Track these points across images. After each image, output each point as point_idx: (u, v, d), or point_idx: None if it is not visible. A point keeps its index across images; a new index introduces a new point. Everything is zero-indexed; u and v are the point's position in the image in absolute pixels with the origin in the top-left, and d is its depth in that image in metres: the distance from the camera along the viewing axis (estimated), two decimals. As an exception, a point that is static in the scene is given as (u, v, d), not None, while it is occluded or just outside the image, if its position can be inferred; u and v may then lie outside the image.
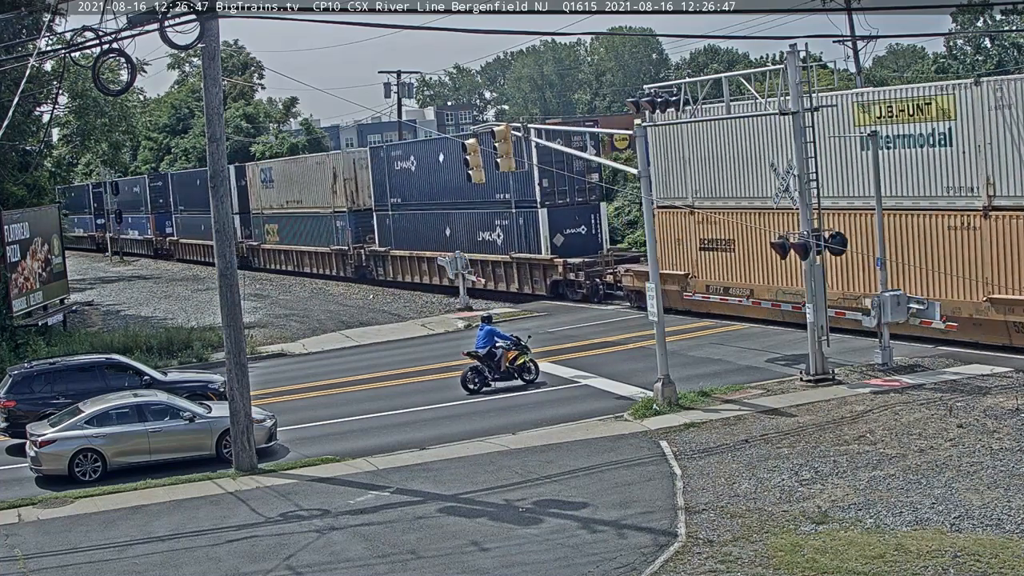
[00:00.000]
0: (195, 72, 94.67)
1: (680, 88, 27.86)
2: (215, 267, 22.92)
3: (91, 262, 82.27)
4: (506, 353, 28.02)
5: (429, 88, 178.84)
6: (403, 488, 20.43)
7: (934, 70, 73.73)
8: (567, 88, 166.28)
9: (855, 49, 55.09)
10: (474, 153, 30.56)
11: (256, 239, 67.30)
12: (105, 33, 21.18)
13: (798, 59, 25.15)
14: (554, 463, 21.15)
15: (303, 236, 60.92)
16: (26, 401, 25.87)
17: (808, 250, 25.32)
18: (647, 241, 25.83)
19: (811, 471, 19.21)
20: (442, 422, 25.50)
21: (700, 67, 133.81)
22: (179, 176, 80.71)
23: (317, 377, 32.43)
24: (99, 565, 17.64)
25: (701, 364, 28.92)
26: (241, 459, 22.29)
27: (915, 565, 14.77)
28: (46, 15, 33.84)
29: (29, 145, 45.03)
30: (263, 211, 65.67)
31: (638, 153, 25.77)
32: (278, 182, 63.45)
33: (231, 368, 22.31)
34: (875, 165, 26.85)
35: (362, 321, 42.97)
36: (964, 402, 22.56)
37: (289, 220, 62.47)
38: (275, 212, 64.27)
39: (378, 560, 16.88)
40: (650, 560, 15.88)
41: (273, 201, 64.38)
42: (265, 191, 65.17)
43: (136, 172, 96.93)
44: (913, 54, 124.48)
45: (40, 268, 40.18)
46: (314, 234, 59.64)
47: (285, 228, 63.17)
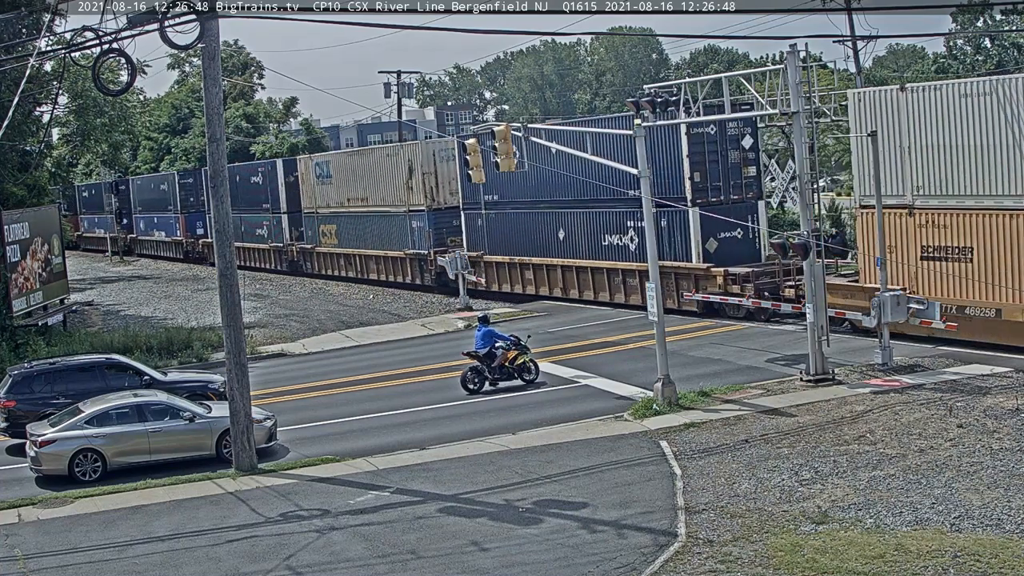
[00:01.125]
0: (195, 72, 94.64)
1: (680, 88, 27.91)
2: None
3: (91, 262, 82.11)
4: (506, 353, 28.03)
5: (429, 88, 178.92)
6: (403, 488, 20.42)
7: (934, 70, 73.73)
8: (567, 88, 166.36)
9: (855, 49, 55.02)
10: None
11: (309, 241, 60.41)
12: (105, 33, 21.18)
13: (798, 59, 25.16)
14: (554, 463, 21.15)
15: (368, 238, 54.26)
16: (26, 401, 25.85)
17: (808, 250, 25.33)
18: (647, 241, 25.81)
19: (811, 471, 19.21)
20: (442, 422, 25.50)
21: (700, 67, 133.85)
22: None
23: (317, 377, 32.42)
24: (99, 565, 17.64)
25: (701, 364, 28.92)
26: (241, 459, 22.29)
27: (915, 565, 14.77)
28: (46, 15, 33.83)
29: (29, 145, 45.00)
30: (317, 210, 58.85)
31: (638, 153, 25.74)
32: (337, 177, 56.42)
33: (231, 368, 22.31)
34: (875, 164, 26.83)
35: (362, 321, 42.97)
36: (964, 402, 22.56)
37: (351, 220, 55.75)
38: (333, 211, 57.39)
39: (378, 560, 16.88)
40: (650, 560, 15.88)
41: (331, 199, 57.51)
42: (321, 188, 58.33)
43: (136, 172, 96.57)
44: (913, 54, 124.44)
45: (40, 268, 40.17)
46: (383, 236, 52.86)
47: (346, 229, 56.24)
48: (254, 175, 66.19)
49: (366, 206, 54.26)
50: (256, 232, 65.86)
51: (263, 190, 64.37)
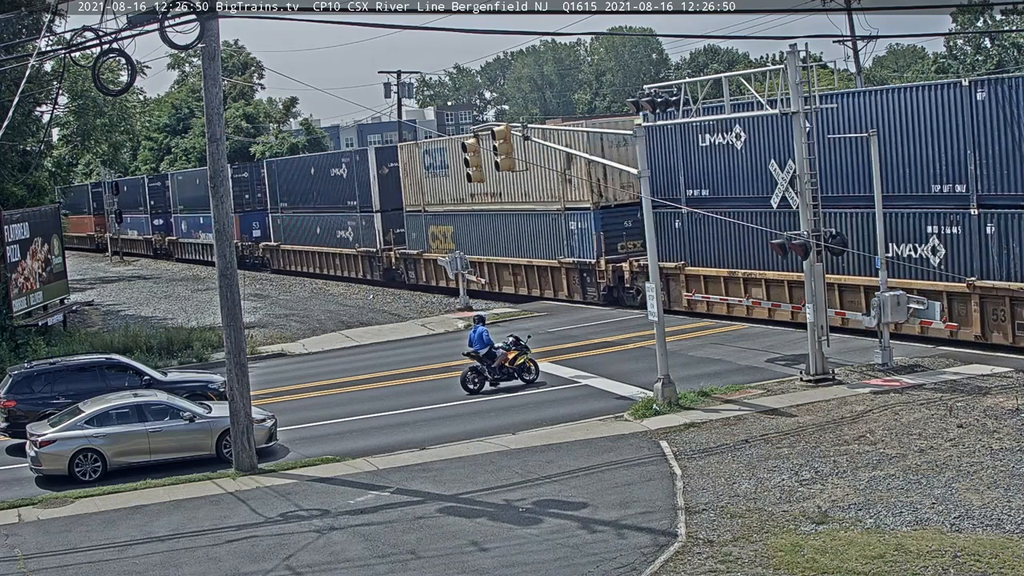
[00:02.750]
0: (195, 72, 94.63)
1: (680, 88, 27.90)
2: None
3: (91, 262, 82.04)
4: (506, 353, 28.04)
5: (429, 88, 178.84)
6: (403, 488, 20.43)
7: (934, 70, 73.79)
8: (567, 88, 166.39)
9: (855, 49, 55.07)
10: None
11: (414, 246, 50.46)
12: (105, 33, 21.21)
13: (798, 59, 25.17)
14: (554, 463, 21.15)
15: (501, 244, 44.59)
16: (26, 401, 25.85)
17: (808, 250, 25.34)
18: (648, 241, 25.81)
19: (811, 471, 19.21)
20: (442, 422, 25.50)
21: (700, 67, 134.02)
22: (283, 165, 64.24)
23: (317, 377, 32.42)
24: (99, 565, 17.64)
25: (701, 364, 28.92)
26: (241, 459, 22.29)
27: (915, 565, 14.78)
28: (46, 15, 33.84)
29: (29, 145, 45.04)
30: (425, 208, 49.33)
31: (638, 153, 25.77)
32: (456, 168, 43.83)
33: (231, 368, 22.32)
34: (876, 164, 26.79)
35: (362, 321, 42.96)
36: (964, 402, 22.56)
37: (474, 221, 46.07)
38: (448, 210, 47.81)
39: (378, 560, 16.89)
40: (650, 560, 15.88)
41: (446, 195, 47.86)
42: (431, 181, 48.61)
43: (136, 172, 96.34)
44: (913, 54, 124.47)
45: (40, 268, 40.18)
46: (524, 241, 43.18)
47: (467, 232, 46.53)
48: (336, 166, 56.58)
49: (499, 203, 44.28)
50: (338, 235, 56.31)
51: (348, 184, 54.74)
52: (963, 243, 27.57)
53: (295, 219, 60.85)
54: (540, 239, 42.30)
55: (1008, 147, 26.22)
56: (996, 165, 26.59)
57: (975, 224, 27.21)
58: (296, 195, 60.61)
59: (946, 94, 27.73)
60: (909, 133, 28.42)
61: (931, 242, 28.34)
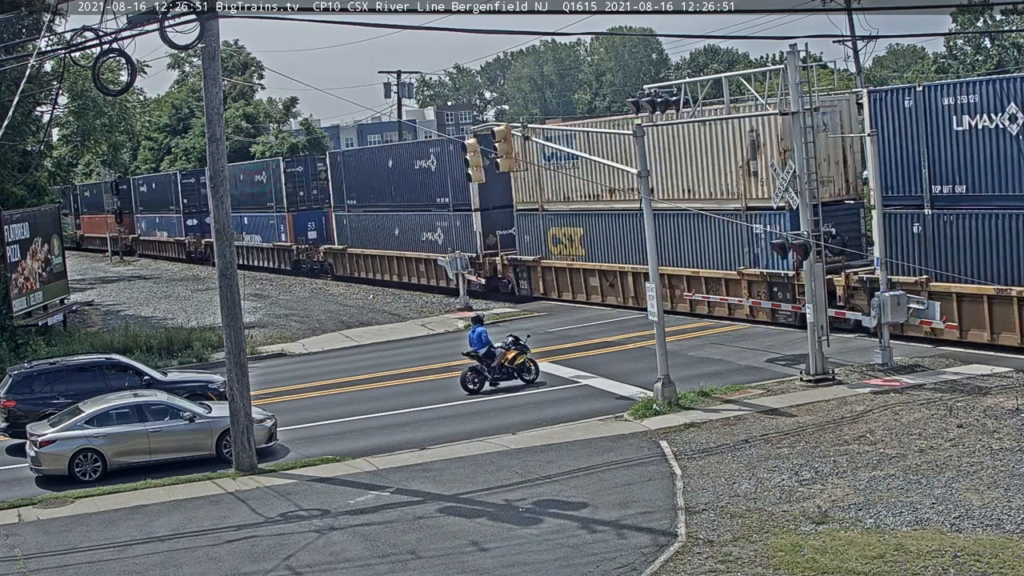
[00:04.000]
0: (195, 72, 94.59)
1: (680, 88, 27.89)
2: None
3: (91, 262, 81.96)
4: (505, 353, 28.05)
5: (429, 88, 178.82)
6: (403, 488, 20.43)
7: (934, 70, 73.74)
8: (567, 88, 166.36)
9: (855, 49, 55.11)
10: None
11: (528, 251, 43.50)
12: (105, 33, 21.21)
13: (798, 59, 25.17)
14: (554, 463, 21.16)
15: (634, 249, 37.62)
16: (26, 401, 25.85)
17: (808, 250, 25.32)
18: (648, 241, 25.80)
19: (811, 471, 19.21)
20: (442, 422, 25.50)
21: (700, 67, 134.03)
22: (350, 157, 57.51)
23: (317, 377, 32.42)
24: (99, 565, 17.65)
25: (701, 364, 28.92)
26: (241, 459, 22.30)
27: (915, 565, 14.78)
28: (46, 15, 33.85)
29: (29, 145, 45.05)
30: (544, 207, 42.46)
31: (638, 153, 25.75)
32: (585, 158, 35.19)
33: (231, 368, 22.32)
34: (874, 163, 26.81)
35: (362, 321, 42.96)
36: (964, 402, 22.56)
37: (614, 222, 38.92)
38: (575, 208, 40.79)
39: (378, 560, 16.89)
40: (650, 560, 15.89)
41: (572, 190, 40.70)
42: (550, 174, 41.60)
43: (135, 172, 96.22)
44: (913, 54, 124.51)
45: (40, 268, 40.19)
46: (685, 245, 35.76)
47: (599, 234, 39.78)
48: (422, 158, 48.52)
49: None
50: (423, 237, 48.66)
51: (438, 179, 47.18)
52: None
53: (366, 219, 52.76)
54: (710, 245, 34.85)
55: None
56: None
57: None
58: (367, 191, 52.59)
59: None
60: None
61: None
